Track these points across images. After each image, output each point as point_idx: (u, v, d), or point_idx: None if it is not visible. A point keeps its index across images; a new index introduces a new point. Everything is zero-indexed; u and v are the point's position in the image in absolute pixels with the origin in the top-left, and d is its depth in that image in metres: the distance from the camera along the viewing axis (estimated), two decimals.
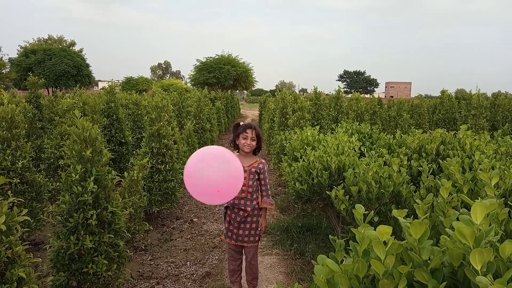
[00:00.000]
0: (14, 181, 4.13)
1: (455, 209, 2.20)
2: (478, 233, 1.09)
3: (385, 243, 1.22)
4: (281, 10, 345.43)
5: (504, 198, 2.30)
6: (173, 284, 3.86)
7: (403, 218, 1.55)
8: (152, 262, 4.36)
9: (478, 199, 2.49)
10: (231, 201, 3.28)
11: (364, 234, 1.29)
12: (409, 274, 1.21)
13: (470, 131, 4.27)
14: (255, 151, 3.40)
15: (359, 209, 1.54)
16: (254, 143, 3.28)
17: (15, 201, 3.33)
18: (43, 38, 55.11)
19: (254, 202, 3.32)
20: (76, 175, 2.83)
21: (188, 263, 4.36)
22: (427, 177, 3.22)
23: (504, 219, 1.80)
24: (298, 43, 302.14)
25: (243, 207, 3.27)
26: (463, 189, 2.62)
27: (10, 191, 3.92)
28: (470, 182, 2.79)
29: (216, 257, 4.51)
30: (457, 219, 1.78)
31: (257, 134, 3.29)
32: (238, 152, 3.40)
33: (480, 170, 2.67)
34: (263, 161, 3.38)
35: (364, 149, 4.58)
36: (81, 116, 3.02)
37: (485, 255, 1.01)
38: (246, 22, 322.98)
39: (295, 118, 7.33)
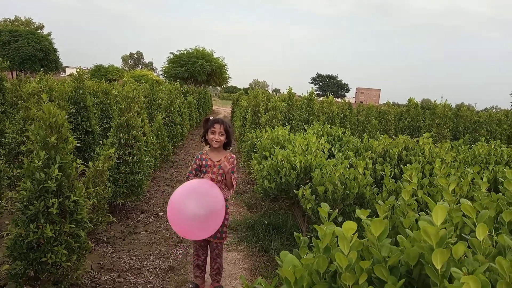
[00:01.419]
0: None
1: (414, 211, 2.30)
2: (442, 233, 1.15)
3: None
4: (260, 12, 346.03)
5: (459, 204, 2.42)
6: (134, 277, 3.80)
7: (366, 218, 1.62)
8: (114, 255, 4.28)
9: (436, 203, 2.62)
10: None
11: (326, 231, 1.34)
12: (369, 271, 1.26)
13: (430, 139, 4.46)
14: (226, 146, 3.41)
15: (324, 208, 1.59)
16: (222, 137, 3.29)
17: None
18: (9, 19, 52.63)
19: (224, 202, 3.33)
20: (39, 161, 2.74)
21: (151, 256, 4.31)
22: (389, 180, 3.34)
23: (458, 222, 1.90)
24: (275, 44, 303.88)
25: None
26: (417, 193, 2.74)
27: None
28: (427, 187, 2.93)
29: (181, 251, 4.48)
30: (416, 221, 1.87)
31: (225, 129, 3.29)
32: (209, 147, 3.39)
33: (437, 176, 2.81)
34: (233, 155, 3.39)
35: (334, 151, 4.68)
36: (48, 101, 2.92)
37: (445, 255, 1.07)
38: (224, 21, 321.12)
39: (268, 117, 7.38)
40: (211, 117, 3.41)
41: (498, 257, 1.08)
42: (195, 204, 2.67)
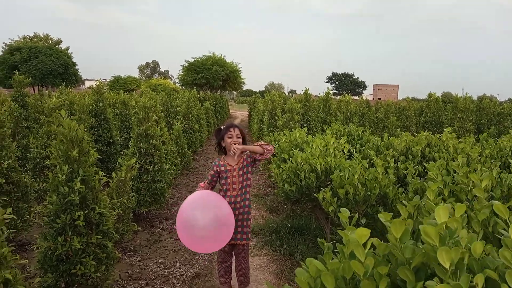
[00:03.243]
0: (0, 181, 4.06)
1: None
2: (443, 233, 1.12)
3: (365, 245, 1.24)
4: (271, 15, 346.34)
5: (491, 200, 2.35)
6: (162, 285, 3.84)
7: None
8: (141, 263, 4.34)
9: (460, 201, 2.56)
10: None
11: (350, 236, 1.32)
12: (393, 274, 1.23)
13: (453, 134, 4.35)
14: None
15: (344, 213, 1.57)
16: (240, 140, 3.30)
17: (1, 201, 3.28)
18: (29, 36, 54.21)
19: (247, 203, 3.34)
20: (62, 176, 2.81)
21: (177, 264, 4.35)
22: (413, 178, 3.28)
23: (490, 220, 1.84)
24: (288, 46, 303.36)
25: (233, 205, 3.27)
26: (443, 192, 2.68)
27: None
28: (451, 184, 2.86)
29: (206, 257, 4.51)
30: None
31: (241, 132, 3.36)
32: (225, 155, 3.41)
33: (464, 173, 2.73)
34: (248, 153, 3.40)
35: (353, 151, 4.63)
36: (68, 115, 3.00)
37: (453, 253, 1.04)
38: (236, 25, 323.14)
39: (285, 119, 7.37)
40: (222, 127, 3.44)
41: None
42: (201, 221, 2.80)
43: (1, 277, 2.13)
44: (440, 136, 4.38)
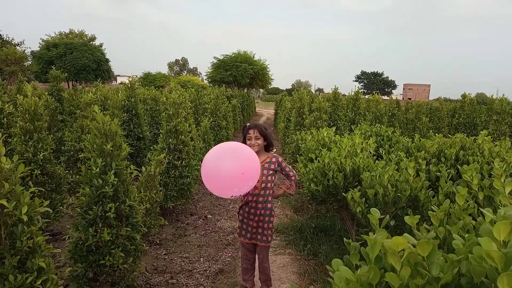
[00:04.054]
0: (35, 172, 4.23)
1: (471, 216, 2.17)
2: (507, 256, 1.05)
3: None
4: (298, 11, 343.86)
5: None
6: (186, 279, 3.90)
7: (416, 225, 1.54)
8: (167, 257, 4.42)
9: (493, 206, 2.45)
10: (245, 198, 3.30)
11: (376, 240, 1.28)
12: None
13: (489, 137, 4.18)
14: (268, 148, 3.41)
15: (375, 214, 1.53)
16: (259, 141, 3.30)
17: (36, 191, 3.42)
18: (64, 32, 56.11)
19: (269, 205, 3.33)
20: (96, 168, 2.89)
21: (201, 259, 4.40)
22: (446, 182, 3.17)
23: None
24: (315, 43, 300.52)
25: (254, 204, 3.28)
26: (478, 195, 2.57)
27: (31, 182, 4.02)
28: (488, 189, 2.74)
29: (229, 254, 4.54)
30: (474, 228, 1.76)
31: (261, 131, 3.32)
32: None
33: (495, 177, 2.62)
34: (275, 154, 3.39)
35: (382, 152, 4.53)
36: (101, 110, 3.08)
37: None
38: (264, 22, 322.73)
39: (312, 118, 7.30)
40: (247, 124, 3.44)
41: None
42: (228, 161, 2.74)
43: (36, 265, 2.22)
44: (475, 139, 4.22)
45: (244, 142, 3.38)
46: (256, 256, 3.51)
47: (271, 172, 3.32)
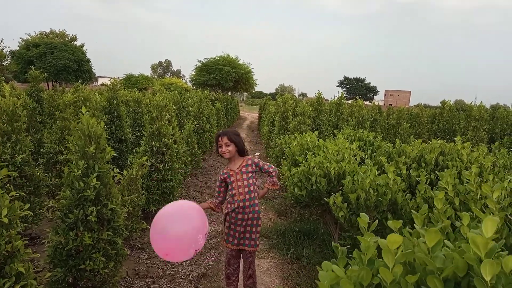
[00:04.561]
0: (13, 174, 4.12)
1: (449, 219, 2.22)
2: (491, 245, 1.10)
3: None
4: (282, 15, 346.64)
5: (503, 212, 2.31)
6: (168, 284, 3.86)
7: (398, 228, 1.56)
8: (148, 261, 4.36)
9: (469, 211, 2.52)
10: (231, 206, 3.30)
11: (370, 243, 1.30)
12: (417, 284, 1.21)
13: (468, 143, 4.30)
14: (242, 153, 3.42)
15: (364, 218, 1.54)
16: (230, 147, 3.32)
17: (16, 195, 3.32)
18: (45, 32, 54.95)
19: (256, 208, 3.33)
20: (78, 171, 2.83)
21: (184, 263, 4.35)
22: (425, 187, 3.24)
23: (503, 231, 1.82)
24: (299, 47, 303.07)
25: (242, 210, 3.28)
26: (454, 201, 2.64)
27: (9, 184, 3.91)
28: (463, 194, 2.82)
29: (213, 258, 4.51)
30: (452, 230, 1.80)
31: (229, 138, 3.33)
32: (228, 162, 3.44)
33: (475, 182, 2.70)
34: (250, 157, 3.41)
35: (365, 157, 4.60)
36: (81, 112, 3.02)
37: (495, 267, 1.02)
38: (247, 26, 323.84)
39: (296, 122, 7.35)
40: (218, 132, 3.47)
41: None
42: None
43: (14, 270, 2.16)
44: (454, 145, 4.33)
45: (217, 150, 3.41)
46: (241, 260, 3.50)
47: (250, 175, 3.34)
